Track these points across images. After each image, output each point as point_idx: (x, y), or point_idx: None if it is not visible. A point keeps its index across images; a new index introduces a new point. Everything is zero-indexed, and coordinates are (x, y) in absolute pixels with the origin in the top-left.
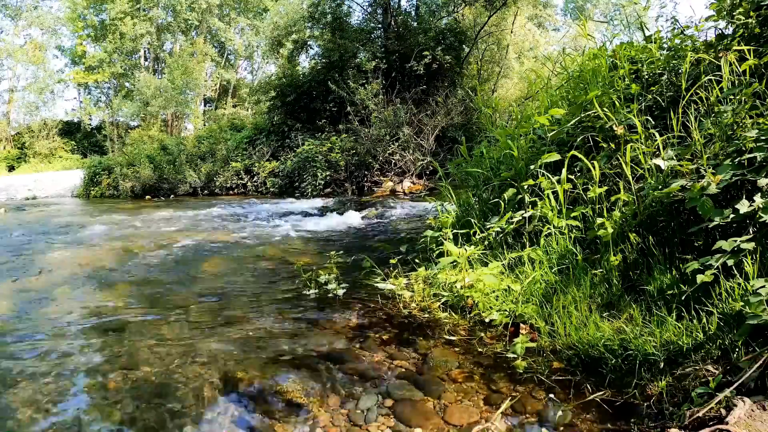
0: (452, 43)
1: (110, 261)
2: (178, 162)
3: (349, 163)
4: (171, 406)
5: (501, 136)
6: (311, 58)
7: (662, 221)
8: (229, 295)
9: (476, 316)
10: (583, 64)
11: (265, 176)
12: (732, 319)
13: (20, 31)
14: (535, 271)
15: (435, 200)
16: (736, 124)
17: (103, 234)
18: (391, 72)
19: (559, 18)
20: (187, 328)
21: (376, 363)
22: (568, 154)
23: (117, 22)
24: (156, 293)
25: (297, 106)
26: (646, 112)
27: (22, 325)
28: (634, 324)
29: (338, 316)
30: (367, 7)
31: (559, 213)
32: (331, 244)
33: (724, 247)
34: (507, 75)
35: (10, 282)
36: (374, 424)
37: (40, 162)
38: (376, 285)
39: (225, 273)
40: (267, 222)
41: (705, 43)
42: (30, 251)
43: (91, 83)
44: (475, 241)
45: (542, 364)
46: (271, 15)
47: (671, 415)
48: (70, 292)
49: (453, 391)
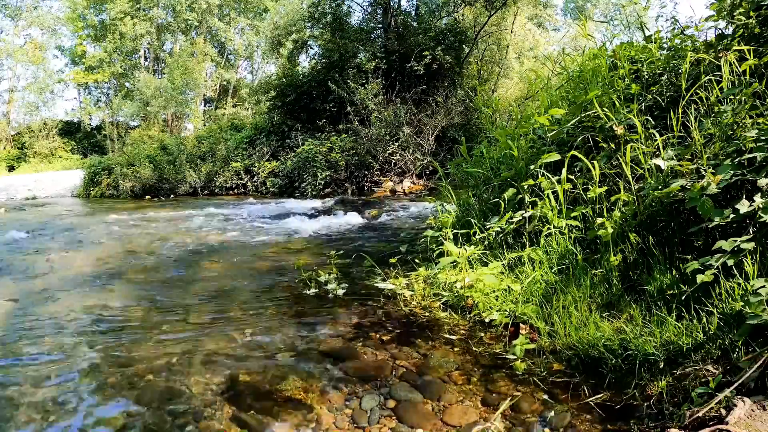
0: (452, 43)
1: (110, 261)
2: (178, 162)
3: (349, 163)
4: (171, 407)
5: (501, 136)
6: (311, 58)
7: (662, 221)
8: (229, 295)
9: (476, 316)
10: (583, 64)
11: (265, 176)
12: (732, 319)
13: (20, 31)
14: (535, 271)
15: (435, 200)
16: (736, 124)
17: (103, 234)
18: (391, 72)
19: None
20: (188, 327)
21: (377, 363)
22: (568, 154)
23: (117, 22)
24: (156, 293)
25: (297, 106)
26: (646, 112)
27: (23, 325)
28: (634, 324)
29: (338, 315)
30: (367, 7)
31: (559, 213)
32: (331, 244)
33: (724, 247)
34: (507, 75)
35: (10, 282)
36: (377, 425)
37: (40, 162)
38: (376, 285)
39: (225, 273)
40: (267, 222)
41: (705, 43)
42: (30, 251)
43: (91, 83)
44: (475, 241)
45: (542, 365)
46: (271, 15)
47: (671, 415)
48: (70, 292)
49: (453, 391)
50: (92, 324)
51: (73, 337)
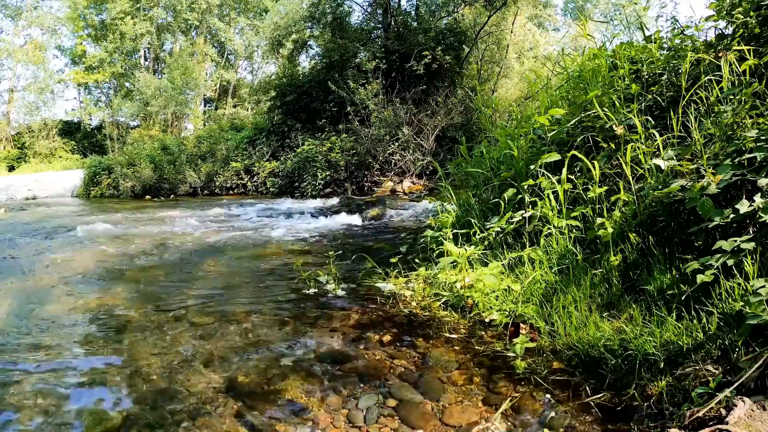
0: (452, 43)
1: (110, 261)
2: (178, 162)
3: (349, 163)
4: (171, 407)
5: (501, 136)
6: (311, 58)
7: (662, 221)
8: (228, 295)
9: (476, 315)
10: (583, 64)
11: (265, 176)
12: (732, 319)
13: (20, 31)
14: (535, 271)
15: (435, 200)
16: (736, 124)
17: (103, 234)
18: (391, 72)
19: (559, 18)
20: (187, 327)
21: (376, 363)
22: (568, 154)
23: (117, 22)
24: (156, 293)
25: (297, 106)
26: (646, 112)
27: (23, 324)
28: (634, 324)
29: (338, 315)
30: (367, 7)
31: (559, 213)
32: (331, 244)
33: (724, 247)
34: (507, 75)
35: (10, 282)
36: (375, 425)
37: (40, 162)
38: (376, 285)
39: (225, 273)
40: (267, 222)
41: (705, 43)
42: (30, 251)
43: (91, 83)
44: (475, 241)
45: (542, 365)
46: (271, 15)
47: (671, 415)
48: (70, 292)
49: (453, 391)
50: (92, 324)
51: (72, 336)
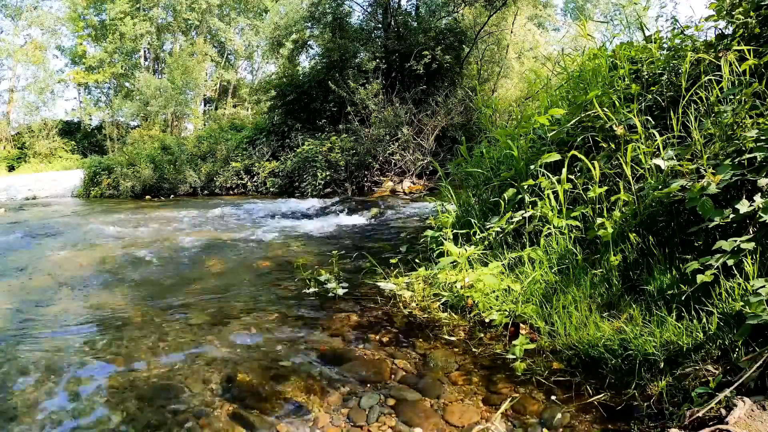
0: (452, 43)
1: (110, 261)
2: (178, 162)
3: (349, 163)
4: (172, 406)
5: (501, 136)
6: (311, 58)
7: (662, 221)
8: (229, 295)
9: (476, 316)
10: (583, 64)
11: (265, 176)
12: (732, 319)
13: (20, 31)
14: (535, 271)
15: (435, 200)
16: (736, 124)
17: (103, 234)
18: (391, 72)
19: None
20: (188, 327)
21: (376, 363)
22: (568, 154)
23: (117, 22)
24: (156, 293)
25: (297, 106)
26: (646, 112)
27: (23, 324)
28: (634, 324)
29: (338, 315)
30: (367, 7)
31: (559, 213)
32: (331, 244)
33: (724, 247)
34: (507, 75)
35: (11, 281)
36: (375, 424)
37: (40, 162)
38: (376, 284)
39: (225, 273)
40: (267, 222)
41: (705, 43)
42: (30, 251)
43: (91, 83)
44: (475, 241)
45: (542, 365)
46: (271, 15)
47: (671, 415)
48: (70, 292)
49: (453, 391)
50: (92, 324)
51: (72, 336)
